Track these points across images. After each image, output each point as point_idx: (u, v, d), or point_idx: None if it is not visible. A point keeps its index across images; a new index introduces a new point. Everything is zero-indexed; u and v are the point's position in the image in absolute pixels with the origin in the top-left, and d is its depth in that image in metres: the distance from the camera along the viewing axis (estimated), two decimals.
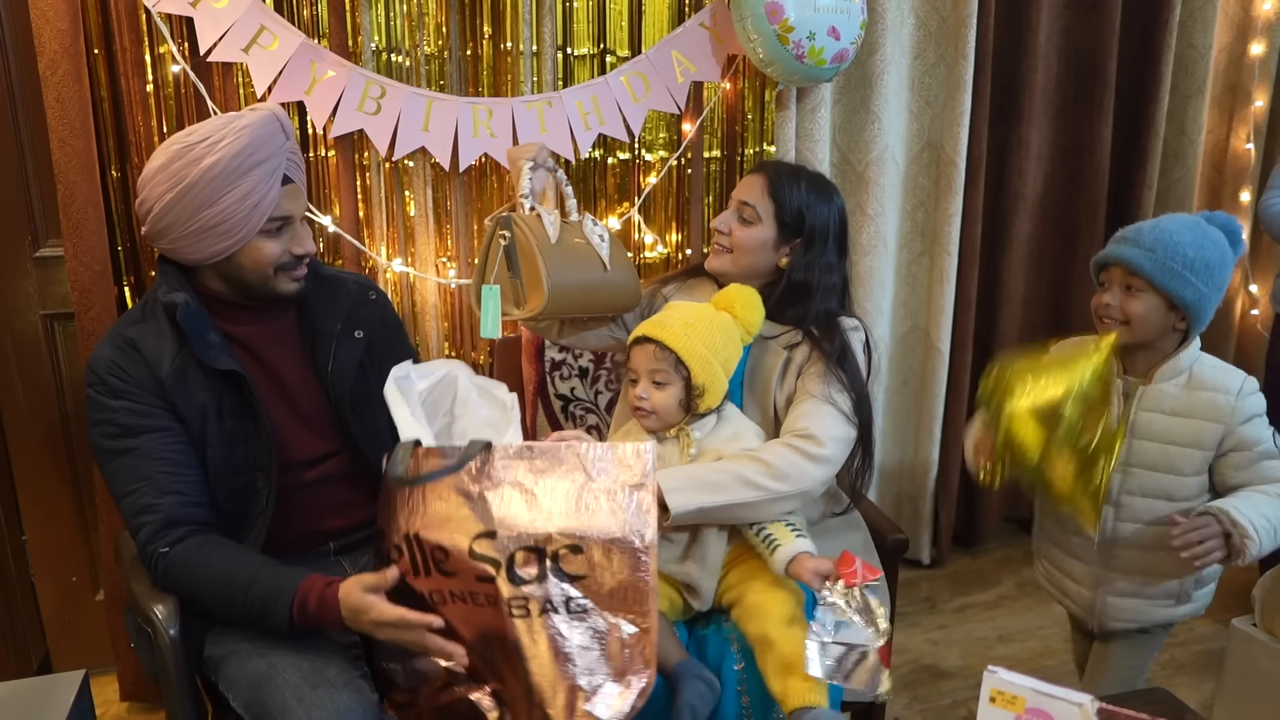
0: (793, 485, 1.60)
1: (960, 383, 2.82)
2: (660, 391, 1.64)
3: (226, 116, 1.53)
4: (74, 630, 2.38)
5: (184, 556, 1.47)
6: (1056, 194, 2.88)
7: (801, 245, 1.77)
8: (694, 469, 1.61)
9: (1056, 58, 2.79)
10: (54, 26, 1.86)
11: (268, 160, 1.51)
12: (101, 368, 1.53)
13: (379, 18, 2.12)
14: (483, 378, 1.56)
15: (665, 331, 1.62)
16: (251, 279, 1.58)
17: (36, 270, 2.19)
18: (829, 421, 1.66)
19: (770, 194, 1.76)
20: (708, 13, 2.33)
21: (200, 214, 1.49)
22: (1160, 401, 1.69)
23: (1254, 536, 1.55)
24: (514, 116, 2.20)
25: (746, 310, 1.66)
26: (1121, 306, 1.67)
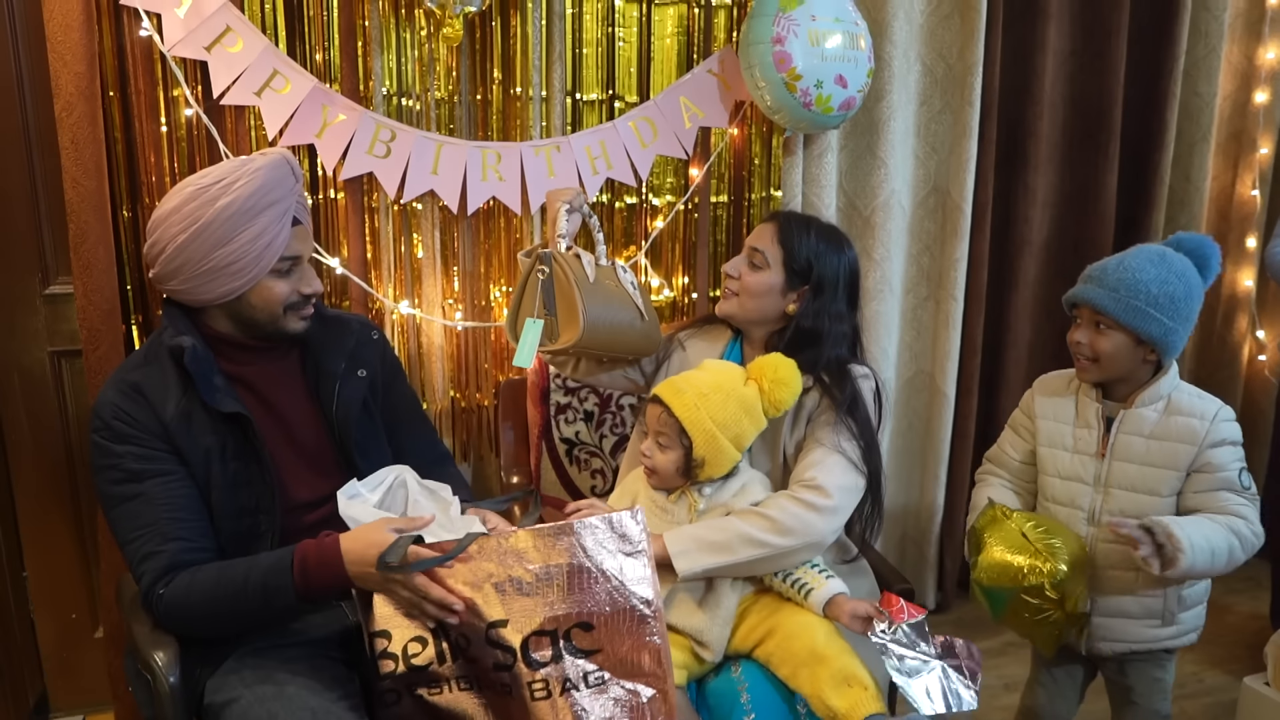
0: (798, 539, 1.61)
1: (966, 428, 2.81)
2: (662, 454, 1.65)
3: (239, 160, 1.56)
4: (72, 668, 2.37)
5: (178, 587, 1.47)
6: (1062, 239, 2.89)
7: (810, 293, 1.78)
8: (699, 530, 1.61)
9: (1062, 105, 2.80)
10: (71, 69, 1.88)
11: (279, 201, 1.54)
12: (106, 413, 1.53)
13: (390, 62, 2.14)
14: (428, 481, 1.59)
15: (677, 399, 1.63)
16: (261, 318, 1.59)
17: (46, 307, 2.20)
18: (836, 471, 1.66)
19: (779, 241, 1.78)
20: (716, 60, 2.35)
21: (214, 254, 1.51)
22: (1139, 425, 1.76)
23: (1186, 550, 1.63)
24: (522, 161, 2.22)
25: (775, 386, 1.63)
26: (1091, 344, 1.74)
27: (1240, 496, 1.72)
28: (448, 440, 2.33)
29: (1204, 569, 1.67)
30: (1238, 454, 1.74)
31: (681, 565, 1.58)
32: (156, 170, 2.04)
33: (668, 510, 1.69)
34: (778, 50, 2.18)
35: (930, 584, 2.91)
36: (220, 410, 1.54)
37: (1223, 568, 1.70)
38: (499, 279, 2.32)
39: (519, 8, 2.18)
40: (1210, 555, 1.66)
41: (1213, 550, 1.67)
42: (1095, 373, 1.77)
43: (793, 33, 2.18)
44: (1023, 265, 2.83)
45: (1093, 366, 1.76)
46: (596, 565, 1.37)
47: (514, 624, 1.37)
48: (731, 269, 1.82)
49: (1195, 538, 1.65)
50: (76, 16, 1.86)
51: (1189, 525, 1.67)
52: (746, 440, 1.65)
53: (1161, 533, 1.65)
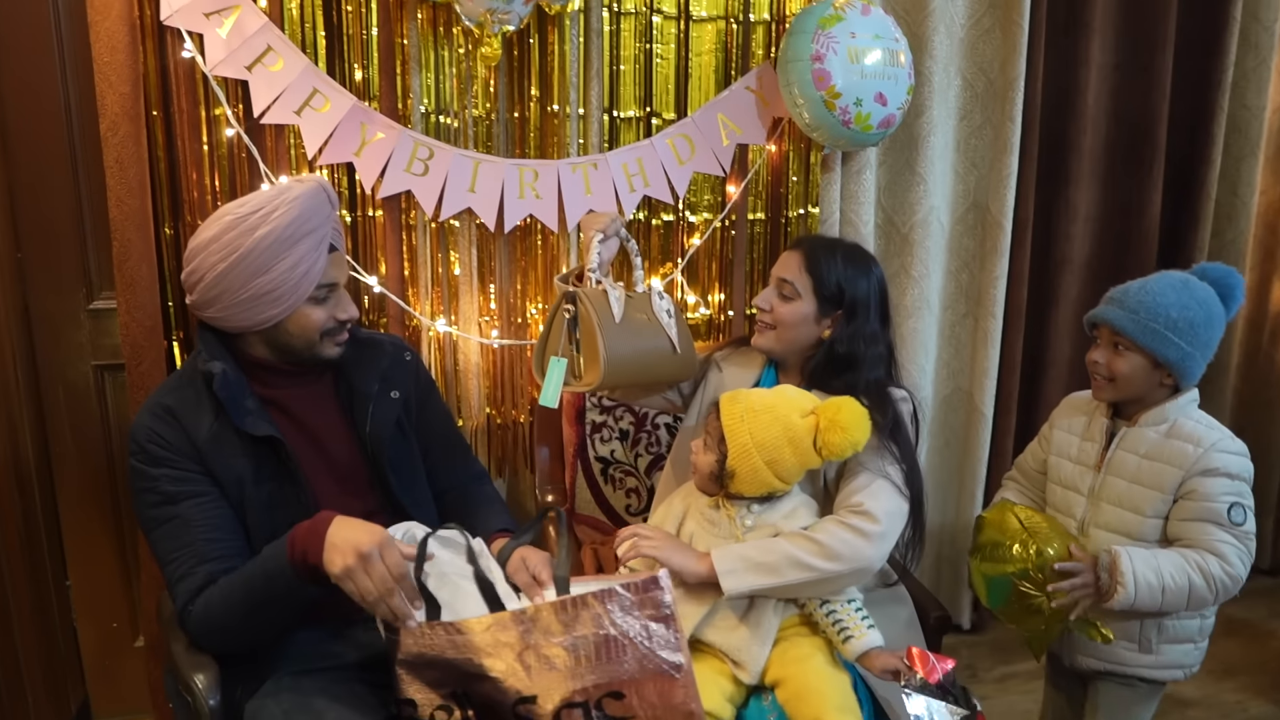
0: (846, 565, 1.60)
1: (1004, 446, 2.78)
2: (703, 452, 1.67)
3: (277, 188, 1.57)
4: (113, 675, 2.41)
5: (200, 603, 1.49)
6: (1104, 257, 2.84)
7: (843, 317, 1.79)
8: (748, 549, 1.61)
9: (1105, 119, 2.76)
10: (116, 90, 1.90)
11: (316, 230, 1.55)
12: (142, 436, 1.55)
13: (429, 80, 2.15)
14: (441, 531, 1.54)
15: (729, 406, 1.65)
16: (298, 345, 1.61)
17: (90, 322, 2.24)
18: (883, 496, 1.66)
19: (808, 269, 1.78)
20: (754, 76, 2.34)
21: (252, 282, 1.52)
22: (1137, 443, 1.79)
23: (1128, 585, 1.67)
24: (560, 178, 2.22)
25: (829, 428, 1.59)
26: (1108, 364, 1.77)
27: (1225, 532, 1.70)
28: (483, 456, 2.34)
29: (1149, 606, 1.70)
30: (1233, 488, 1.71)
31: (728, 584, 1.58)
32: (198, 188, 2.06)
33: (714, 523, 1.69)
34: (817, 68, 2.16)
35: (965, 605, 2.88)
36: (252, 434, 1.55)
37: (1181, 606, 1.71)
38: (535, 296, 2.33)
39: (557, 25, 2.18)
40: (1159, 593, 1.68)
41: (1164, 588, 1.68)
42: (1111, 392, 1.80)
43: (832, 50, 2.16)
44: (1063, 282, 2.80)
45: (1109, 386, 1.79)
46: (623, 633, 1.35)
47: (542, 698, 1.36)
48: (763, 302, 1.81)
49: (1143, 573, 1.68)
50: (122, 38, 1.89)
51: (1143, 558, 1.69)
52: (785, 470, 1.62)
53: (1105, 564, 1.70)
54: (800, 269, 1.78)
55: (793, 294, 1.78)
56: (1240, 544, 1.70)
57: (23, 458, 2.15)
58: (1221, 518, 1.70)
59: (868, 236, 2.48)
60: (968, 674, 2.72)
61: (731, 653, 1.62)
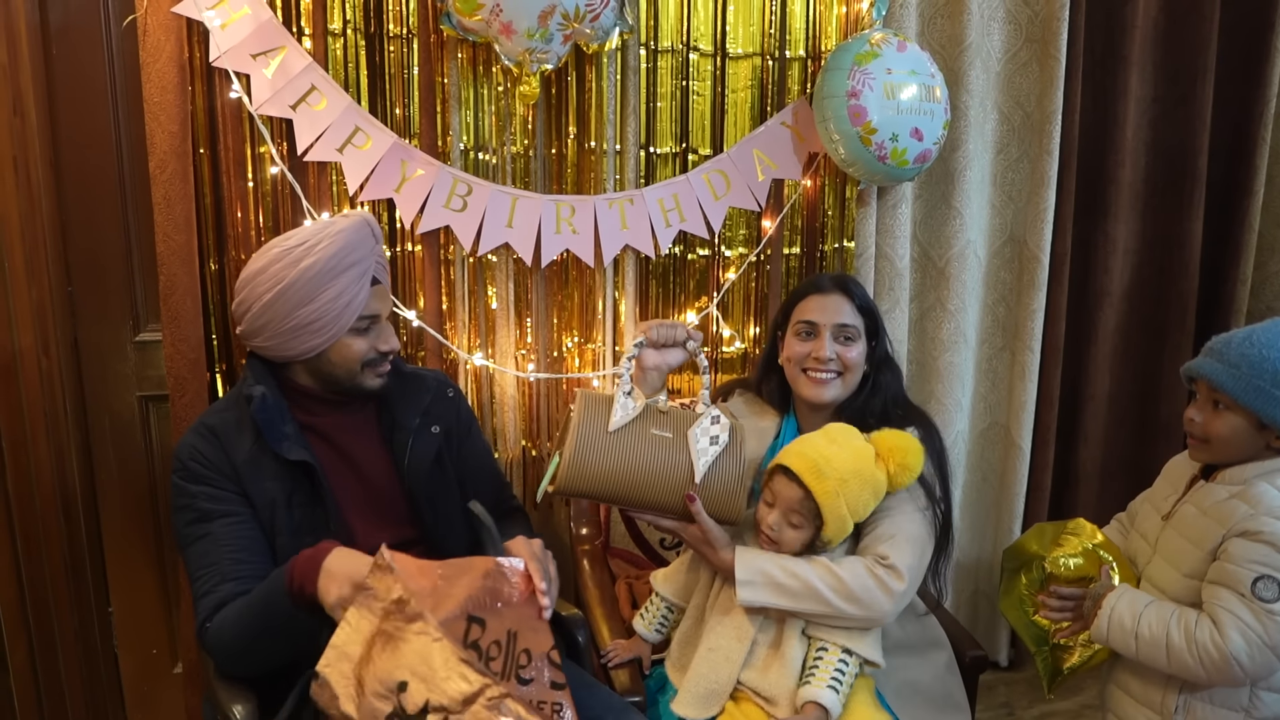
0: (860, 610, 1.60)
1: (1041, 481, 2.74)
2: (792, 531, 1.64)
3: (322, 222, 1.61)
4: (151, 702, 2.44)
5: (215, 621, 1.51)
6: (1144, 289, 2.81)
7: (878, 344, 1.85)
8: (771, 567, 1.62)
9: (1144, 151, 2.74)
10: (166, 129, 1.95)
11: (359, 262, 1.59)
12: (185, 454, 1.60)
13: (468, 118, 2.18)
14: None
15: (820, 483, 1.59)
16: (340, 374, 1.64)
17: (135, 353, 2.28)
18: (909, 551, 1.65)
19: (859, 309, 1.82)
20: (789, 112, 2.35)
21: (296, 312, 1.57)
22: (1204, 499, 1.65)
23: (1104, 618, 1.62)
24: (596, 213, 2.24)
25: (901, 471, 1.63)
26: (1205, 424, 1.61)
27: (1240, 603, 1.51)
28: (517, 488, 2.35)
29: (1121, 648, 1.62)
30: (1270, 558, 1.50)
31: (744, 595, 1.60)
32: (243, 225, 2.10)
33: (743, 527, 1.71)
34: (853, 104, 2.17)
35: (1003, 641, 2.85)
36: (288, 458, 1.58)
37: (1160, 663, 1.58)
38: (571, 330, 2.34)
39: (594, 63, 2.21)
40: (1131, 637, 1.59)
41: (1137, 634, 1.58)
42: (1206, 454, 1.64)
43: (868, 86, 2.17)
44: (1102, 316, 2.77)
45: (1203, 448, 1.64)
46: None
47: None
48: (827, 352, 1.79)
49: (1125, 615, 1.60)
50: (173, 79, 1.94)
51: (1131, 599, 1.62)
52: (865, 514, 1.65)
53: (1097, 593, 1.66)
54: (853, 310, 1.82)
55: (854, 335, 1.81)
56: (1255, 621, 1.49)
57: (69, 486, 2.20)
58: (1241, 585, 1.51)
59: (903, 270, 2.48)
60: (1004, 712, 2.68)
61: (765, 691, 1.62)
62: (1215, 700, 1.62)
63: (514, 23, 1.97)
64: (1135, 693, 1.71)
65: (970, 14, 2.43)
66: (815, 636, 1.63)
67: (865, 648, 1.62)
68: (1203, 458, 1.67)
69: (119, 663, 2.41)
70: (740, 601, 1.61)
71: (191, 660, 2.22)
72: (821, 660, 1.60)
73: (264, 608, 1.45)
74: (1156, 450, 2.87)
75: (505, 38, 2.00)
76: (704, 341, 2.39)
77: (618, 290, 2.33)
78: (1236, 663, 1.51)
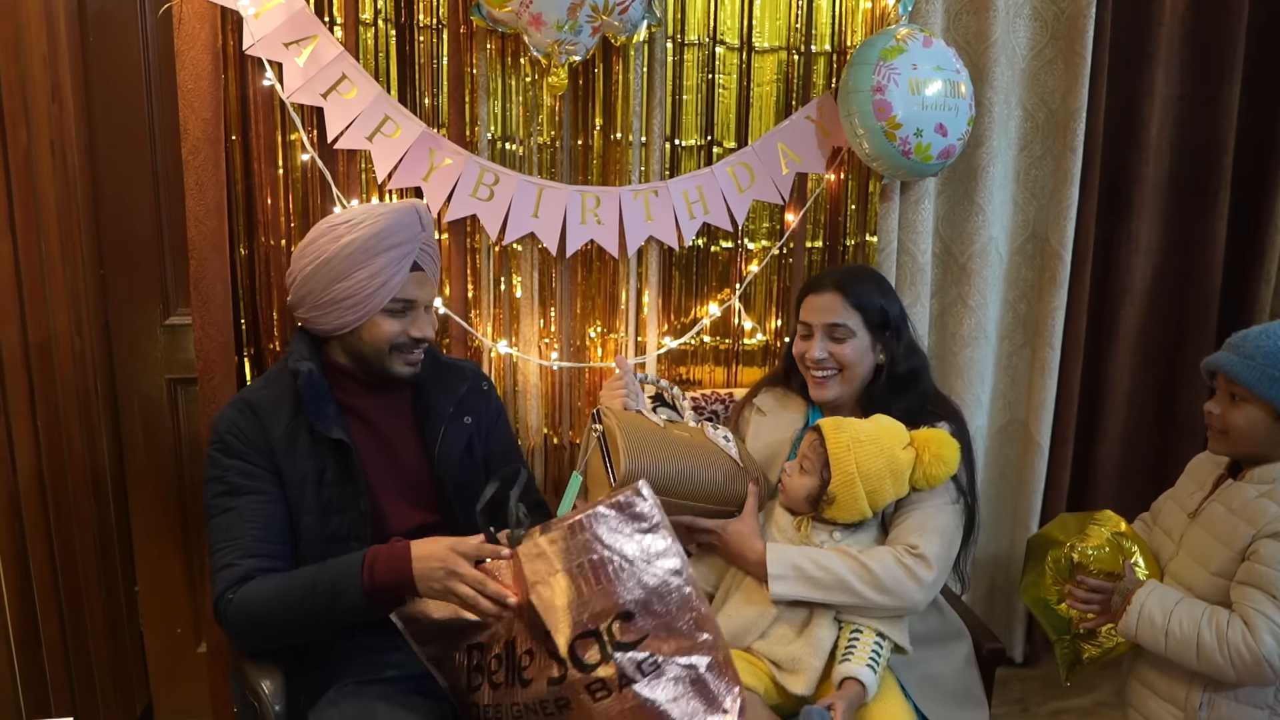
0: (891, 600, 1.61)
1: (1060, 478, 2.75)
2: (800, 476, 1.69)
3: (373, 204, 1.66)
4: (176, 679, 2.48)
5: (245, 592, 1.54)
6: (1166, 288, 2.81)
7: (893, 338, 1.82)
8: (802, 561, 1.64)
9: (1169, 150, 2.73)
10: (199, 115, 1.98)
11: (399, 246, 1.61)
12: (222, 427, 1.64)
13: (496, 108, 2.20)
14: None
15: (834, 433, 1.66)
16: (370, 354, 1.67)
17: (165, 337, 2.32)
18: (938, 542, 1.67)
19: (852, 305, 1.80)
20: (814, 106, 2.36)
21: (333, 287, 1.60)
22: (1232, 498, 1.67)
23: (1133, 614, 1.62)
24: (621, 205, 2.26)
25: (934, 462, 1.64)
26: (1223, 415, 1.65)
27: (1273, 605, 1.52)
28: (539, 475, 2.37)
29: (1150, 645, 1.63)
30: None
31: (776, 588, 1.62)
32: (273, 211, 2.13)
33: (791, 542, 1.72)
34: (878, 99, 2.18)
35: (1019, 637, 2.85)
36: (326, 435, 1.61)
37: (1190, 661, 1.59)
38: (594, 320, 2.37)
39: (622, 56, 2.22)
40: (1161, 635, 1.60)
41: (1167, 631, 1.59)
42: (1225, 446, 1.68)
43: (893, 81, 2.18)
44: (1123, 314, 2.77)
45: (1222, 439, 1.67)
46: (619, 553, 1.37)
47: (556, 634, 1.37)
48: (819, 353, 1.81)
49: (1155, 612, 1.61)
50: (206, 66, 1.97)
51: (1162, 595, 1.62)
52: (882, 499, 1.66)
53: (1126, 587, 1.66)
54: (845, 307, 1.80)
55: (846, 334, 1.80)
56: None
57: (99, 466, 2.24)
58: (1273, 587, 1.53)
59: (925, 266, 2.48)
60: (1019, 708, 2.69)
61: (785, 663, 1.63)
62: (1240, 698, 1.63)
63: (544, 14, 1.99)
64: (1158, 688, 1.72)
65: (996, 10, 2.43)
66: (848, 620, 1.65)
67: (897, 633, 1.64)
68: (1222, 450, 1.70)
69: (144, 640, 2.45)
70: (773, 596, 1.62)
71: (216, 640, 2.25)
72: (858, 641, 1.61)
73: (331, 593, 1.49)
74: (1176, 449, 2.86)
75: (535, 29, 2.02)
76: (726, 333, 2.45)
77: (641, 281, 2.35)
78: (1269, 664, 1.52)
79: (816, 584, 1.62)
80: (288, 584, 1.53)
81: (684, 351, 2.45)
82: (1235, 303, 2.83)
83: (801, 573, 1.62)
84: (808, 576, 1.62)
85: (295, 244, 2.16)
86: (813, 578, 1.62)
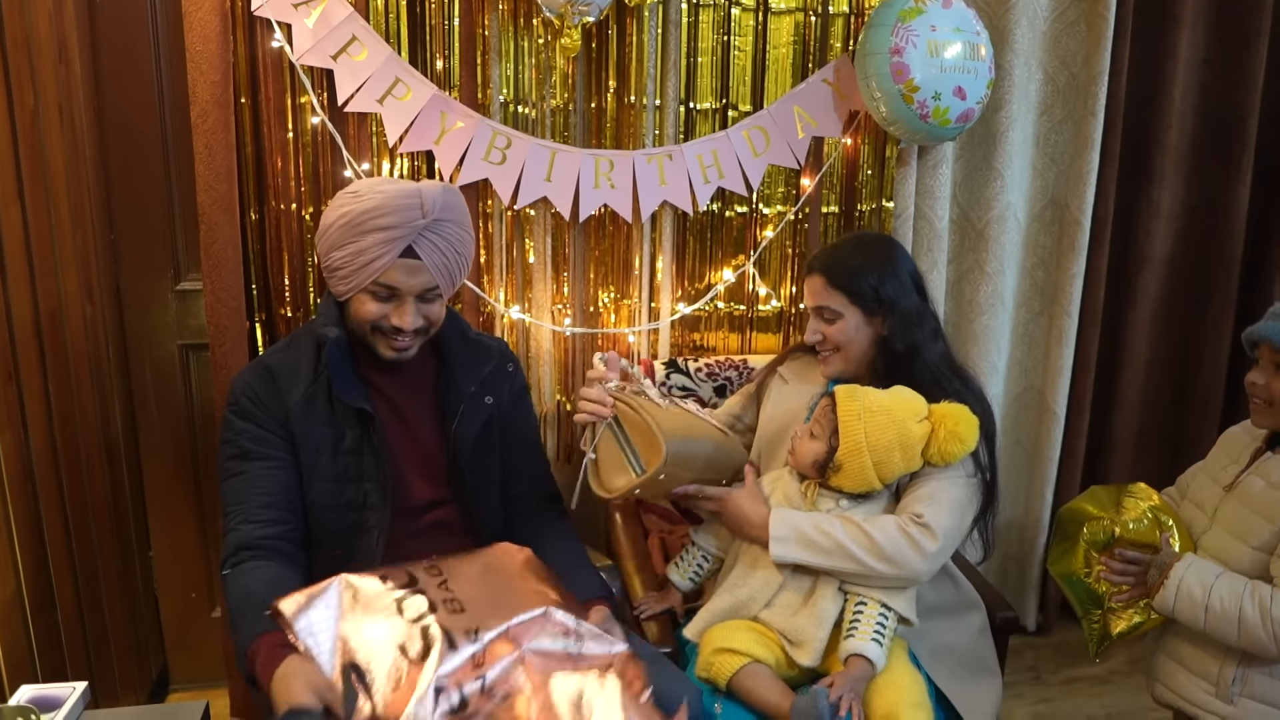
0: (892, 569, 1.60)
1: (1075, 447, 2.73)
2: (809, 440, 1.68)
3: (384, 179, 1.63)
4: (191, 644, 2.49)
5: (232, 579, 1.53)
6: (1187, 255, 2.77)
7: (888, 311, 1.77)
8: (804, 524, 1.63)
9: (1192, 115, 2.68)
10: (208, 78, 1.95)
11: (391, 228, 1.54)
12: (238, 389, 1.63)
13: (508, 70, 2.17)
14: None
15: (846, 401, 1.65)
16: (356, 329, 1.64)
17: (176, 302, 2.31)
18: (946, 513, 1.65)
19: (834, 286, 1.77)
20: (831, 69, 2.32)
21: (331, 254, 1.59)
22: (1271, 472, 1.64)
23: (1171, 588, 1.59)
24: (635, 169, 2.23)
25: (949, 439, 1.61)
26: (1268, 385, 1.60)
27: None
28: (551, 442, 2.36)
29: (1189, 620, 1.59)
30: None
31: (776, 550, 1.62)
32: (283, 175, 2.11)
33: (797, 507, 1.71)
34: (895, 61, 2.14)
35: (1032, 606, 2.85)
36: (348, 404, 1.60)
37: (1231, 637, 1.57)
38: (608, 285, 2.35)
39: (636, 17, 2.19)
40: (1201, 610, 1.56)
41: (1208, 606, 1.56)
42: (1270, 418, 1.63)
43: (911, 43, 2.14)
44: (1143, 281, 2.73)
45: (1268, 410, 1.62)
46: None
47: None
48: (813, 336, 1.81)
49: (1194, 587, 1.57)
50: (214, 28, 1.94)
51: (1201, 569, 1.59)
52: (890, 471, 1.64)
53: (1162, 561, 1.62)
54: (827, 289, 1.78)
55: (834, 315, 1.78)
56: None
57: (113, 432, 2.24)
58: None
59: (942, 232, 2.45)
60: (1031, 676, 2.69)
61: (791, 634, 1.63)
62: (1275, 674, 1.61)
63: None
64: (1190, 663, 1.69)
65: None
66: (852, 591, 1.63)
67: (901, 604, 1.62)
68: (1266, 422, 1.65)
69: (159, 605, 2.47)
70: (773, 557, 1.62)
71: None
72: (862, 614, 1.60)
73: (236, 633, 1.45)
74: (1194, 419, 2.84)
75: None
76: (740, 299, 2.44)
77: (655, 246, 2.33)
78: None
79: (816, 547, 1.61)
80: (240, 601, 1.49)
81: (697, 318, 2.43)
82: (1257, 272, 2.79)
83: (802, 535, 1.62)
84: (808, 540, 1.61)
85: (306, 208, 2.14)
86: (813, 541, 1.61)
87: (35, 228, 1.87)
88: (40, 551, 1.90)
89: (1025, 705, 2.56)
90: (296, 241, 2.16)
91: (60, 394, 1.97)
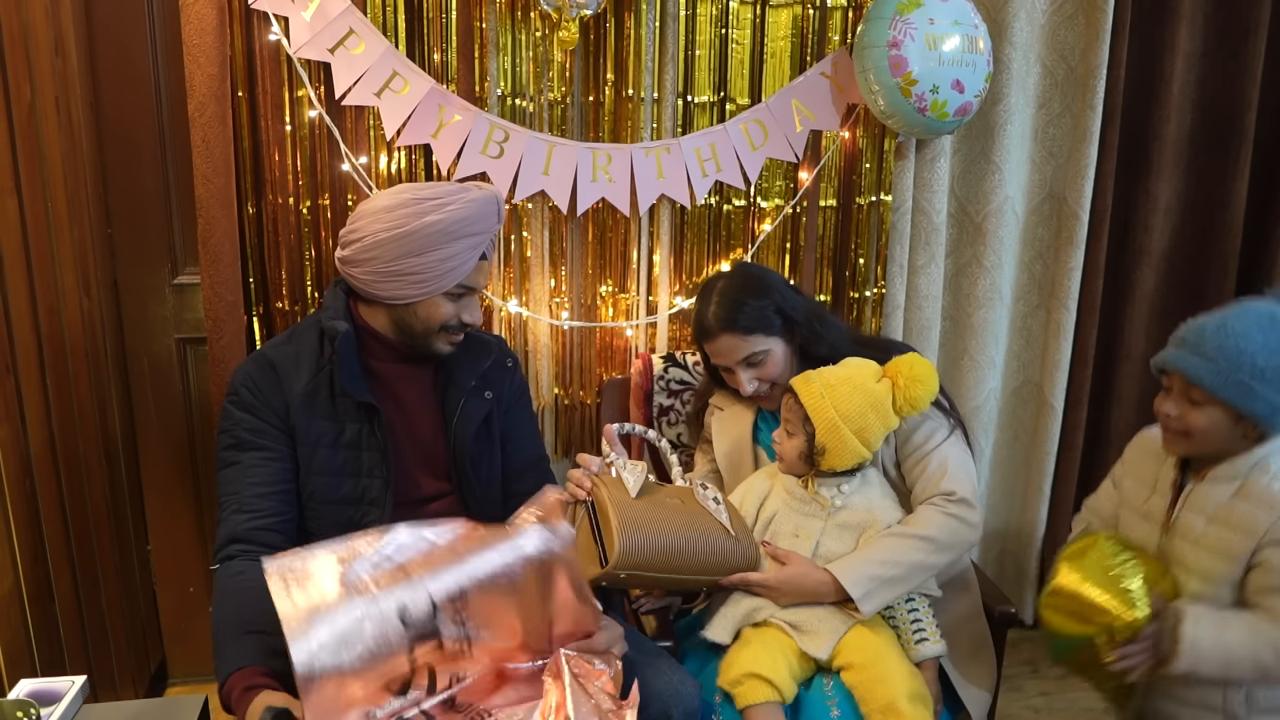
0: (956, 553, 1.69)
1: (1073, 440, 2.73)
2: (788, 440, 1.71)
3: (458, 185, 1.63)
4: (188, 637, 2.50)
5: (219, 578, 1.54)
6: (1185, 249, 2.77)
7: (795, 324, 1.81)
8: (875, 568, 1.64)
9: (1190, 108, 2.68)
10: (205, 71, 1.95)
11: (478, 234, 1.61)
12: (239, 380, 1.63)
13: (506, 64, 2.17)
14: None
15: (804, 386, 1.68)
16: (418, 329, 1.65)
17: (174, 296, 2.31)
18: (963, 475, 1.72)
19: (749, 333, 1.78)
20: (829, 62, 2.32)
21: (404, 260, 1.58)
22: (1204, 504, 1.57)
23: (1184, 652, 1.48)
24: (633, 162, 2.23)
25: (910, 383, 1.65)
26: (1182, 418, 1.54)
27: None
28: (549, 436, 2.37)
29: (1214, 675, 1.51)
30: None
31: (868, 608, 1.63)
32: (280, 168, 2.11)
33: (802, 502, 1.73)
34: (893, 54, 2.14)
35: (1029, 600, 2.85)
36: (353, 398, 1.60)
37: (1247, 679, 1.52)
38: (605, 278, 2.35)
39: (633, 10, 2.18)
40: (1224, 664, 1.49)
41: (1227, 659, 1.48)
42: (1185, 447, 1.58)
43: (909, 36, 2.14)
44: (1140, 275, 2.73)
45: (1182, 441, 1.56)
46: None
47: None
48: (751, 385, 1.81)
49: (1205, 644, 1.48)
50: (211, 21, 1.93)
51: (1210, 624, 1.49)
52: (872, 436, 1.66)
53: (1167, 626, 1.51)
54: (743, 339, 1.78)
55: (760, 356, 1.79)
56: None
57: (110, 426, 2.23)
58: None
59: (940, 225, 2.45)
60: (1028, 669, 2.70)
61: (802, 624, 1.64)
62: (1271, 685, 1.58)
63: None
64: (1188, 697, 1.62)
65: None
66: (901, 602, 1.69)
67: (931, 586, 1.70)
68: (1181, 451, 1.60)
69: (157, 599, 2.47)
70: (868, 614, 1.63)
71: None
72: (920, 615, 1.67)
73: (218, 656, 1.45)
74: None
75: None
76: None
77: (653, 240, 2.33)
78: None
79: (895, 581, 1.64)
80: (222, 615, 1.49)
81: None
82: (1254, 266, 2.79)
83: (881, 580, 1.63)
84: (888, 579, 1.63)
85: (303, 202, 2.14)
86: (893, 577, 1.63)
87: (32, 222, 1.87)
88: (38, 545, 1.90)
89: (1023, 698, 2.56)
90: (294, 235, 2.16)
91: (58, 388, 1.97)
